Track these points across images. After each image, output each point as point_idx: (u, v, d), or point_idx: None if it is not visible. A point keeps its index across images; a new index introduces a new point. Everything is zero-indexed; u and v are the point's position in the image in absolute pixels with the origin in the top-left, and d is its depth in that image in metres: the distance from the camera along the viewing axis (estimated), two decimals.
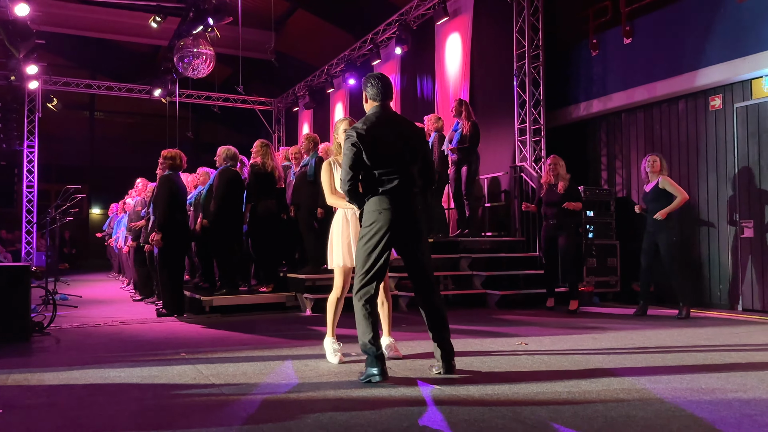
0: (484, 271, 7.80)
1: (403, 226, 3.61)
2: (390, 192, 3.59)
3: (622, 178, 8.72)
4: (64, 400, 3.23)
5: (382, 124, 3.67)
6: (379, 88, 3.72)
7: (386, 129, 3.67)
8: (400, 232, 3.61)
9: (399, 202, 3.59)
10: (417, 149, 3.74)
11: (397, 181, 3.60)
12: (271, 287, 7.31)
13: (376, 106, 3.74)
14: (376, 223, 3.58)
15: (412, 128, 3.84)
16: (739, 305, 7.12)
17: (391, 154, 3.62)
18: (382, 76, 3.80)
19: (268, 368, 3.98)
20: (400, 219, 3.59)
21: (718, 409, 2.95)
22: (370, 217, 3.62)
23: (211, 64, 11.34)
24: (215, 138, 20.73)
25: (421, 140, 3.84)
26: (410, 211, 3.64)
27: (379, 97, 3.73)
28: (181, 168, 6.88)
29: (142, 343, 5.12)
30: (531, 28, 8.83)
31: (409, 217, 3.63)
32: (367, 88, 3.76)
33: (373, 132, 3.62)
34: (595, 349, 4.57)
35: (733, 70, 7.00)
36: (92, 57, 19.59)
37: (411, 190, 3.67)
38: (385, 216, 3.56)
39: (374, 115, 3.72)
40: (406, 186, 3.62)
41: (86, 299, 9.16)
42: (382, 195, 3.59)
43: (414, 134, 3.79)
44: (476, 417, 2.84)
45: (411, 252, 3.69)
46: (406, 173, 3.64)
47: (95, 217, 22.68)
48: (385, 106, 3.75)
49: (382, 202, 3.59)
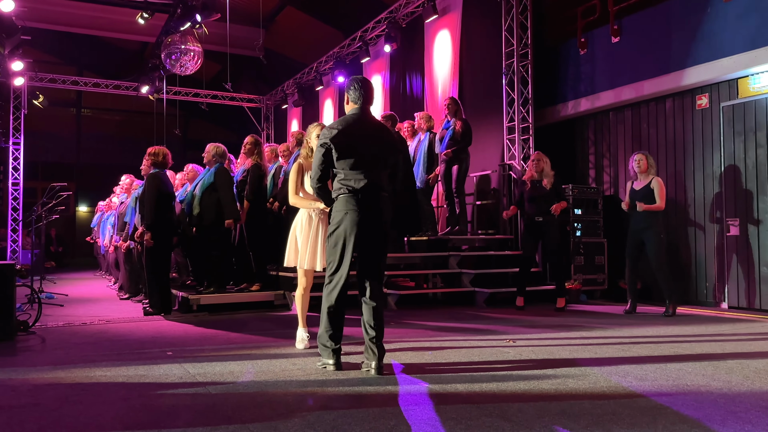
0: (472, 269, 7.81)
1: (368, 228, 3.69)
2: (357, 193, 3.67)
3: (609, 176, 8.76)
4: (49, 400, 3.20)
5: (356, 126, 3.76)
6: (361, 92, 3.81)
7: (360, 132, 3.75)
8: (365, 233, 3.68)
9: (365, 203, 3.67)
10: (388, 155, 3.82)
11: (364, 183, 3.67)
12: (259, 286, 7.28)
13: (355, 109, 3.83)
14: (342, 223, 3.68)
15: (387, 134, 3.92)
16: (724, 303, 7.18)
17: (361, 156, 3.69)
18: (365, 80, 3.89)
19: (255, 367, 3.96)
20: (365, 220, 3.66)
21: (704, 406, 2.97)
22: (336, 216, 3.73)
23: (198, 60, 11.28)
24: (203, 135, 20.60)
25: (394, 148, 3.91)
26: (376, 213, 3.72)
27: (360, 101, 3.82)
28: (167, 165, 6.82)
29: (129, 342, 5.08)
30: (520, 27, 8.84)
31: (375, 219, 3.71)
32: (349, 91, 3.85)
33: (346, 133, 3.71)
34: (583, 347, 4.59)
35: (719, 69, 7.05)
36: (79, 53, 19.42)
37: (379, 193, 3.74)
38: (350, 217, 3.66)
39: (351, 117, 3.81)
40: (373, 188, 3.70)
41: (72, 298, 9.08)
42: (349, 196, 3.68)
43: (388, 140, 3.87)
44: (463, 415, 2.84)
45: (370, 253, 3.75)
46: (375, 176, 3.72)
47: (82, 215, 22.50)
48: (365, 110, 3.83)
49: (348, 203, 3.67)
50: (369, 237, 3.72)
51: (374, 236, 3.74)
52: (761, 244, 6.82)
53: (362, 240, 3.70)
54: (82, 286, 11.84)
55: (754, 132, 6.91)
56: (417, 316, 6.51)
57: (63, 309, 7.55)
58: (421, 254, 8.01)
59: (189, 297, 6.86)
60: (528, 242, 7.12)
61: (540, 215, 6.89)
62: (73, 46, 18.50)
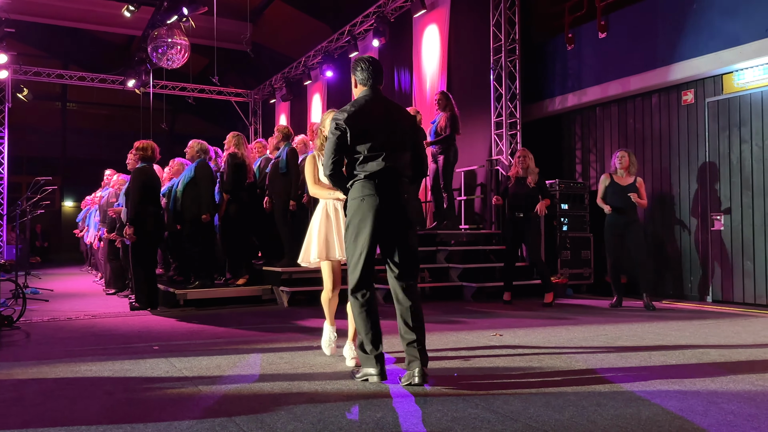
0: (460, 263, 7.84)
1: (389, 214, 3.33)
2: (374, 177, 3.32)
3: (596, 171, 8.81)
4: (32, 395, 3.18)
5: (371, 107, 3.43)
6: (370, 72, 3.49)
7: (375, 112, 3.43)
8: (386, 219, 3.32)
9: (384, 188, 3.32)
10: (407, 136, 3.49)
11: (383, 166, 3.33)
12: (245, 280, 7.27)
13: (365, 90, 3.50)
14: (358, 211, 3.32)
15: (404, 114, 3.58)
16: (708, 297, 7.26)
17: (379, 138, 3.36)
18: (373, 59, 3.56)
19: (242, 361, 3.96)
20: (385, 206, 3.31)
21: (687, 397, 3.00)
22: (352, 205, 3.37)
23: (185, 54, 11.19)
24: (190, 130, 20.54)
25: (413, 127, 3.60)
26: (397, 199, 3.36)
27: (370, 81, 3.49)
28: (154, 159, 6.78)
29: (115, 336, 5.05)
30: (507, 22, 8.86)
31: (396, 204, 3.36)
32: (356, 72, 3.52)
33: (361, 115, 3.38)
34: (568, 341, 4.62)
35: (705, 64, 7.11)
36: (64, 46, 19.22)
37: (399, 178, 3.40)
38: (368, 202, 3.30)
39: (363, 98, 3.47)
40: (393, 172, 3.36)
41: (58, 293, 9.01)
42: (365, 180, 3.33)
43: (405, 120, 3.54)
44: (449, 407, 2.86)
45: (400, 238, 3.38)
46: (394, 159, 3.38)
47: (68, 210, 22.32)
48: (376, 90, 3.50)
49: (365, 187, 3.32)
50: (391, 225, 3.35)
51: (397, 224, 3.37)
52: (744, 238, 6.90)
53: (384, 228, 3.34)
54: (68, 281, 11.76)
55: (738, 127, 6.98)
56: None
57: (48, 304, 7.49)
58: None
59: (176, 292, 6.83)
60: (510, 237, 7.16)
61: (521, 211, 6.92)
62: (58, 39, 18.31)
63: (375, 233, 3.31)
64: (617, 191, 6.65)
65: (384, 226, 3.34)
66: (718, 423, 2.60)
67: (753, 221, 6.83)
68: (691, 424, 2.58)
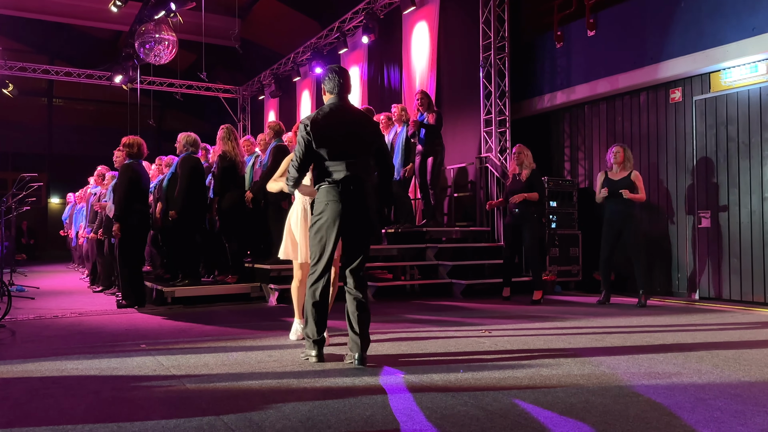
0: (449, 260, 7.85)
1: (351, 218, 3.64)
2: (339, 183, 3.61)
3: (584, 169, 8.85)
4: (18, 393, 3.14)
5: (335, 115, 3.70)
6: (336, 82, 3.76)
7: (339, 120, 3.69)
8: (347, 223, 3.64)
9: (348, 193, 3.62)
10: (370, 142, 3.76)
11: (346, 173, 3.62)
12: (236, 278, 7.23)
13: (332, 99, 3.79)
14: (324, 214, 3.63)
15: (366, 121, 3.85)
16: (696, 293, 7.31)
17: (342, 145, 3.64)
18: (341, 69, 3.83)
19: (230, 359, 3.94)
20: (347, 210, 3.62)
21: (674, 393, 3.02)
22: (317, 207, 3.68)
23: (173, 50, 11.12)
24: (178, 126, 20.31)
25: (375, 133, 3.85)
26: (360, 203, 3.66)
27: (336, 90, 3.77)
28: (141, 156, 6.71)
29: (102, 334, 5.00)
30: (497, 19, 8.86)
31: (358, 210, 3.66)
32: (325, 81, 3.80)
33: (325, 122, 3.65)
34: (557, 337, 4.64)
35: (692, 63, 7.15)
36: (50, 42, 19.03)
37: (361, 182, 3.67)
38: (332, 207, 3.61)
39: (329, 106, 3.75)
40: (355, 178, 3.64)
41: (44, 291, 8.93)
42: (330, 186, 3.63)
43: (367, 127, 3.81)
44: (439, 404, 2.85)
45: (354, 243, 3.71)
46: (357, 165, 3.66)
47: (54, 207, 22.11)
48: (342, 98, 3.79)
49: (330, 193, 3.63)
50: (352, 227, 3.67)
51: (357, 227, 3.69)
52: (731, 235, 6.96)
53: (345, 231, 3.66)
54: (54, 278, 11.65)
55: (726, 125, 7.03)
56: (395, 308, 6.52)
57: (34, 302, 7.42)
58: (398, 246, 8.02)
59: (163, 289, 6.78)
60: (508, 234, 7.18)
61: (516, 207, 6.95)
62: (44, 35, 18.12)
63: (337, 235, 3.64)
64: (611, 187, 6.61)
65: (346, 228, 3.66)
66: (705, 419, 2.62)
67: (739, 219, 6.89)
68: (679, 421, 2.60)
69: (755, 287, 6.72)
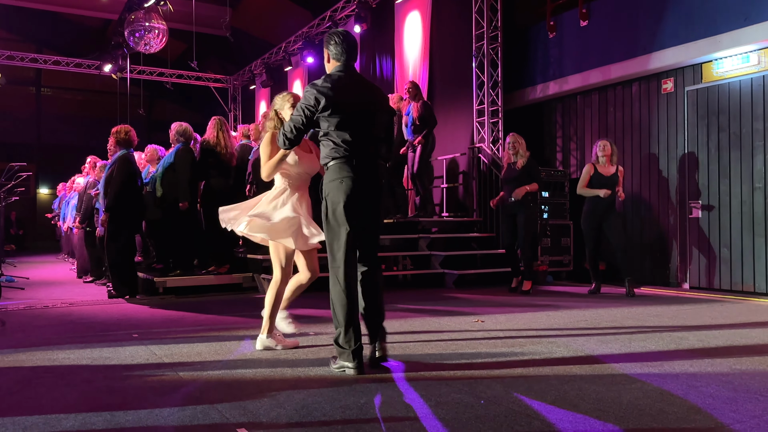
0: (442, 251, 7.85)
1: (366, 198, 3.25)
2: (352, 158, 3.22)
3: (576, 159, 8.87)
4: (9, 383, 3.12)
5: (346, 84, 3.29)
6: (344, 47, 3.32)
7: (351, 90, 3.30)
8: (363, 203, 3.25)
9: (362, 169, 3.24)
10: (382, 116, 3.39)
11: (360, 147, 3.24)
12: (226, 268, 7.20)
13: (338, 66, 3.35)
14: (339, 193, 3.21)
15: (379, 93, 3.47)
16: (686, 283, 7.36)
17: (355, 117, 3.25)
18: (347, 33, 3.38)
19: (223, 348, 3.93)
20: (362, 189, 3.23)
21: (666, 381, 3.04)
22: (330, 187, 3.25)
23: (163, 39, 11.02)
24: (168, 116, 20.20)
25: (387, 108, 3.48)
26: (374, 181, 3.29)
27: (343, 57, 3.34)
28: (132, 144, 6.66)
29: (93, 324, 4.98)
30: (490, 9, 8.83)
31: (373, 188, 3.28)
32: (329, 46, 3.35)
33: (336, 90, 3.23)
34: (549, 326, 4.66)
35: (684, 53, 7.16)
36: (38, 30, 18.80)
37: (376, 158, 3.32)
38: (346, 183, 3.20)
39: (336, 74, 3.32)
40: (370, 153, 3.28)
41: (34, 281, 8.86)
42: (342, 162, 3.23)
43: (381, 100, 3.44)
44: (433, 392, 2.86)
45: (368, 226, 3.32)
46: (371, 140, 3.30)
47: (43, 197, 21.94)
48: (350, 67, 3.37)
49: (343, 169, 3.22)
50: (367, 208, 3.27)
51: (372, 207, 3.30)
52: (722, 225, 7.00)
53: (360, 211, 3.25)
54: (44, 269, 11.57)
55: (717, 116, 7.05)
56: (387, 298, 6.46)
57: (24, 292, 7.37)
58: (391, 236, 8.02)
59: (155, 279, 6.75)
60: (505, 224, 7.13)
61: (512, 196, 6.92)
62: (31, 23, 17.89)
63: (354, 215, 3.22)
64: (602, 182, 6.64)
65: (361, 209, 3.25)
66: (697, 406, 2.63)
67: (730, 209, 6.93)
68: (672, 407, 2.61)
69: (745, 277, 6.77)
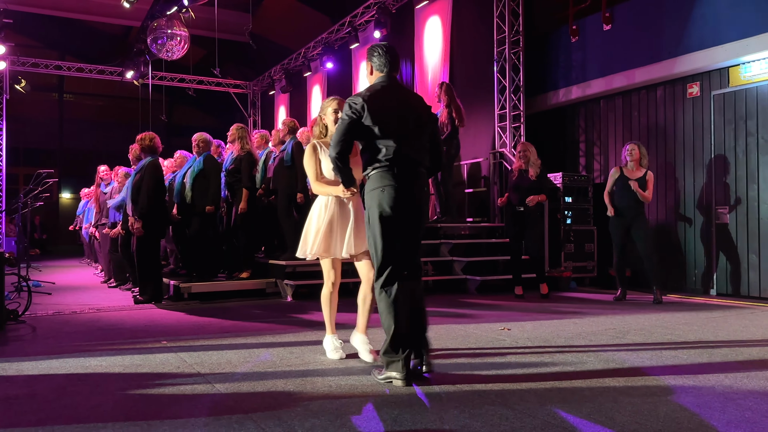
0: (464, 256, 7.83)
1: (407, 204, 3.29)
2: (393, 167, 3.27)
3: (600, 164, 8.80)
4: (45, 390, 3.15)
5: (388, 94, 3.38)
6: (387, 58, 3.43)
7: (394, 100, 3.38)
8: (405, 212, 3.29)
9: (404, 178, 3.28)
10: (426, 125, 3.45)
11: (402, 156, 3.27)
12: (248, 273, 7.24)
13: (381, 77, 3.45)
14: (381, 202, 3.26)
15: (421, 103, 3.52)
16: (713, 290, 7.26)
17: (398, 126, 3.31)
18: (390, 46, 3.50)
19: (252, 356, 3.94)
20: (404, 196, 3.27)
21: (702, 393, 3.00)
22: (371, 196, 3.30)
23: (185, 45, 11.13)
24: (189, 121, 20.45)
25: (430, 116, 3.53)
26: (417, 190, 3.34)
27: (387, 68, 3.44)
28: (158, 152, 6.75)
29: (122, 330, 5.03)
30: (511, 14, 8.81)
31: (415, 197, 3.33)
32: (372, 58, 3.47)
33: (379, 100, 3.31)
34: (577, 335, 4.61)
35: (711, 57, 7.08)
36: (62, 37, 19.08)
37: (417, 168, 3.36)
38: (388, 193, 3.25)
39: (380, 84, 3.42)
40: (412, 162, 3.32)
41: (60, 286, 8.97)
42: (384, 171, 3.28)
43: (423, 110, 3.49)
44: (466, 403, 2.84)
45: (410, 235, 3.35)
46: (413, 148, 3.34)
47: (65, 202, 22.23)
48: (392, 78, 3.46)
49: (385, 177, 3.27)
50: (408, 217, 3.31)
51: (413, 216, 3.33)
52: (750, 231, 6.90)
53: (402, 220, 3.29)
54: (69, 273, 11.71)
55: (745, 120, 6.96)
56: None
57: (51, 297, 7.46)
58: None
59: (180, 285, 6.80)
60: (512, 231, 7.13)
61: (521, 205, 6.90)
62: (56, 30, 18.18)
63: (396, 223, 3.27)
64: (626, 185, 6.58)
65: (403, 217, 3.29)
66: (737, 420, 2.60)
67: (759, 215, 6.82)
68: (710, 421, 2.58)
69: None
